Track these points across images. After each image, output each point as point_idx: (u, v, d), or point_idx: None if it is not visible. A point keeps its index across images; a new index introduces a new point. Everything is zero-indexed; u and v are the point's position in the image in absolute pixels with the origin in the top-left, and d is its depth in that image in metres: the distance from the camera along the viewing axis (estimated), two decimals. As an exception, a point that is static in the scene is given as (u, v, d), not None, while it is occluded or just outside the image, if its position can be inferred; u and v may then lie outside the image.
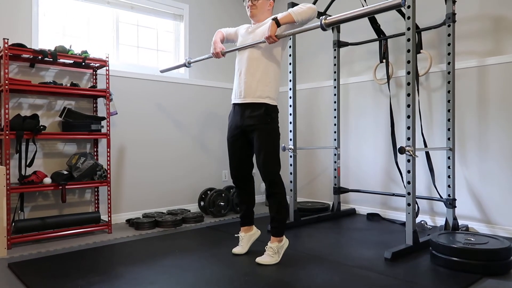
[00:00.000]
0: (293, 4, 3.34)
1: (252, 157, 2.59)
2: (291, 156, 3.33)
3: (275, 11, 2.64)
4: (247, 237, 2.64)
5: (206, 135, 4.27)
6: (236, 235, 2.72)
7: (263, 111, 2.39)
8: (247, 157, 2.58)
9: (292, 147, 3.29)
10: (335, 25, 2.21)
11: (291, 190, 3.32)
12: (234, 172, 2.60)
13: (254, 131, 2.41)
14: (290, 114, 3.33)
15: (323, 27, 2.22)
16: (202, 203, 3.93)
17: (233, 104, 2.53)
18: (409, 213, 2.57)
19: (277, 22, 2.30)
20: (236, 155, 2.56)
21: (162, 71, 3.41)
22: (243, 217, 2.66)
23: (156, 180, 3.87)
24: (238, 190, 2.67)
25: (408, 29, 2.57)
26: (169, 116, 3.97)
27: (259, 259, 2.37)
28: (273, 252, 2.39)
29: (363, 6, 3.47)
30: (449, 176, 3.05)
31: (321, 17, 2.25)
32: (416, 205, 3.09)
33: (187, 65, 3.08)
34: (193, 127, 4.16)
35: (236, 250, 2.60)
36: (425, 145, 3.29)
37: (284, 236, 2.48)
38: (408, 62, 2.58)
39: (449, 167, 3.06)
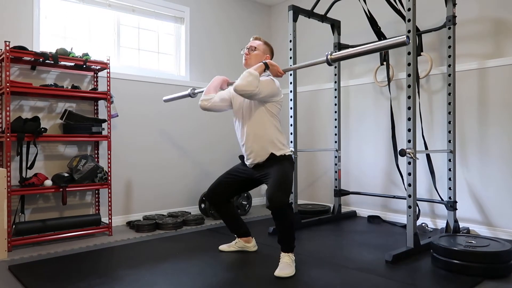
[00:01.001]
0: (294, 7, 3.36)
1: (244, 191, 2.65)
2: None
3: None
4: (240, 244, 2.67)
5: (207, 137, 4.27)
6: (235, 238, 2.72)
7: (276, 159, 2.39)
8: (234, 192, 2.62)
9: (293, 149, 3.29)
10: (341, 61, 2.23)
11: (291, 192, 3.31)
12: (213, 195, 2.58)
13: (267, 176, 2.37)
14: (291, 117, 3.33)
15: (329, 62, 2.22)
16: (202, 206, 3.93)
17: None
18: (410, 216, 2.57)
19: (265, 64, 2.35)
20: (225, 185, 2.57)
21: (165, 100, 3.29)
22: (235, 231, 2.67)
23: (157, 183, 3.87)
24: (215, 209, 2.65)
25: (409, 31, 2.58)
26: (170, 118, 3.98)
27: (278, 273, 2.19)
28: (290, 260, 2.28)
29: (364, 9, 3.49)
30: (450, 179, 3.05)
31: (327, 53, 2.23)
32: (417, 207, 3.09)
33: (191, 95, 3.02)
34: (194, 129, 4.16)
35: (223, 247, 2.67)
36: (426, 148, 3.29)
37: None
38: (409, 64, 2.58)
39: (450, 170, 3.06)
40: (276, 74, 2.42)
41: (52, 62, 2.97)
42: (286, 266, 2.23)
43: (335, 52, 2.22)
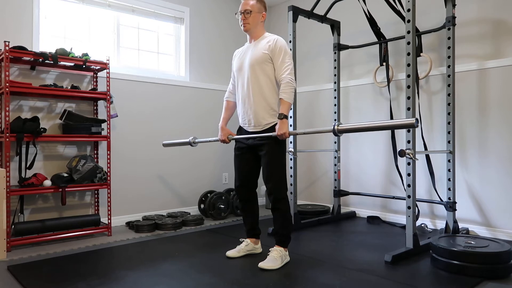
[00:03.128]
0: (294, 8, 3.36)
1: (258, 170, 2.58)
2: (291, 159, 3.33)
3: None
4: (250, 247, 2.62)
5: (206, 137, 4.25)
6: (241, 239, 2.69)
7: (271, 131, 2.40)
8: (253, 171, 2.57)
9: (292, 150, 3.29)
10: (347, 132, 2.25)
11: (291, 193, 3.32)
12: (239, 185, 2.59)
13: (263, 147, 2.42)
14: (291, 117, 3.33)
15: (335, 133, 2.22)
16: (202, 206, 3.93)
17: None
18: (409, 216, 2.57)
19: (285, 117, 2.33)
20: (242, 168, 2.57)
21: (164, 145, 3.16)
22: (250, 230, 2.64)
23: (156, 183, 3.87)
24: (242, 204, 2.64)
25: (408, 32, 2.58)
26: (170, 119, 3.98)
27: (262, 264, 2.33)
28: (278, 255, 2.36)
29: (363, 9, 3.49)
30: (449, 179, 3.05)
31: (334, 124, 2.21)
32: (417, 208, 3.09)
33: (192, 144, 2.94)
34: (194, 130, 4.16)
35: (230, 253, 2.57)
36: (425, 148, 3.29)
37: (287, 251, 2.46)
38: (408, 65, 2.58)
39: (449, 170, 3.06)
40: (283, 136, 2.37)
41: (52, 62, 2.97)
42: (271, 259, 2.34)
43: (341, 124, 2.19)
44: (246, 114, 2.48)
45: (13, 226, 2.88)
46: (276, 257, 2.35)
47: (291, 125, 3.33)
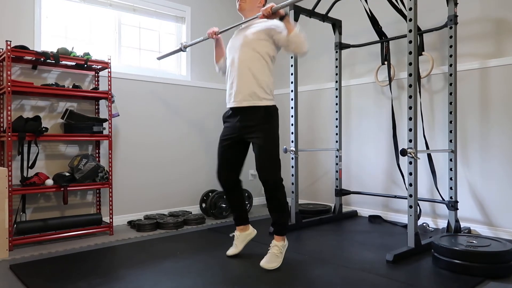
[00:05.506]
0: (295, 6, 3.35)
1: (243, 160, 2.55)
2: (292, 158, 3.32)
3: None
4: (242, 236, 2.62)
5: (207, 136, 4.27)
6: (231, 234, 2.70)
7: (262, 112, 2.36)
8: (238, 161, 2.53)
9: (294, 149, 3.29)
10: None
11: (292, 192, 3.32)
12: (222, 173, 2.53)
13: (253, 132, 2.36)
14: (292, 116, 3.33)
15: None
16: (203, 205, 3.93)
17: (229, 108, 2.48)
18: (411, 215, 2.56)
19: (283, 17, 2.27)
20: (226, 156, 2.50)
21: (158, 58, 3.29)
22: (236, 219, 2.65)
23: (158, 182, 3.87)
24: (226, 194, 2.60)
25: (410, 31, 2.57)
26: (171, 118, 3.98)
27: (264, 265, 2.29)
28: (279, 251, 2.35)
29: (365, 8, 3.49)
30: (451, 178, 3.05)
31: None
32: (418, 207, 3.09)
33: (182, 49, 3.02)
34: (195, 129, 4.17)
35: (230, 251, 2.58)
36: (427, 147, 3.29)
37: (285, 239, 2.46)
38: (410, 64, 2.58)
39: (451, 169, 3.05)
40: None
41: (53, 61, 2.97)
42: (273, 257, 2.31)
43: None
44: (231, 87, 2.41)
45: (15, 225, 2.89)
46: (277, 254, 2.34)
47: (292, 124, 3.33)
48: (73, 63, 3.15)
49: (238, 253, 2.57)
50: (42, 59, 2.93)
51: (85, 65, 3.15)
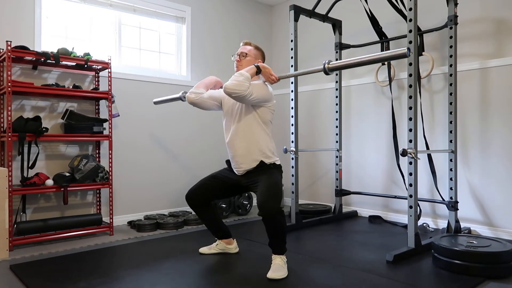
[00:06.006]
0: (295, 7, 3.35)
1: (228, 195, 2.64)
2: (292, 159, 3.32)
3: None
4: (221, 245, 2.62)
5: (208, 137, 4.27)
6: (215, 240, 2.67)
7: (267, 167, 2.36)
8: (219, 195, 2.60)
9: (294, 149, 3.29)
10: (338, 70, 2.20)
11: (292, 192, 3.32)
12: (194, 195, 2.51)
13: (256, 183, 2.32)
14: (292, 116, 3.33)
15: (326, 72, 2.21)
16: (203, 205, 3.93)
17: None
18: (411, 216, 2.56)
19: (257, 66, 2.33)
20: (211, 188, 2.51)
21: (155, 103, 3.17)
22: (216, 233, 2.62)
23: (158, 182, 3.87)
24: (197, 211, 2.56)
25: (410, 31, 2.57)
26: (171, 118, 3.98)
27: (271, 275, 2.16)
28: (282, 262, 2.24)
29: (365, 9, 3.48)
30: (451, 179, 3.05)
31: (324, 62, 2.21)
32: (418, 207, 3.09)
33: (182, 99, 2.80)
34: (195, 129, 4.17)
35: (202, 249, 2.62)
36: (427, 147, 3.29)
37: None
38: (410, 64, 2.58)
39: (451, 170, 3.05)
40: (268, 78, 2.37)
41: (54, 61, 2.97)
42: (278, 268, 2.20)
43: (333, 61, 2.20)
44: (236, 159, 2.42)
45: (15, 225, 2.89)
46: (282, 264, 2.24)
47: (292, 124, 3.33)
48: (73, 63, 3.15)
49: (205, 254, 2.60)
50: (42, 59, 2.94)
51: (85, 65, 3.15)
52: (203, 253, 2.62)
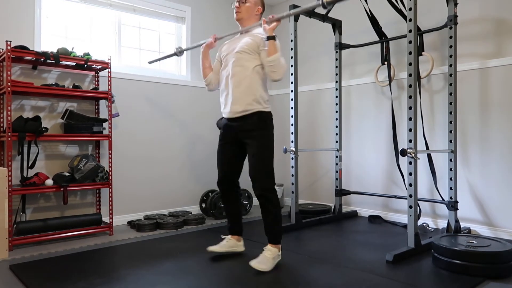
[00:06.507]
0: (295, 7, 3.35)
1: (242, 163, 2.55)
2: (292, 158, 3.32)
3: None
4: (232, 243, 2.59)
5: (208, 137, 4.27)
6: (222, 236, 2.68)
7: (256, 118, 2.36)
8: (236, 161, 2.53)
9: (294, 149, 3.29)
10: (335, 3, 2.17)
11: (292, 192, 3.32)
12: (221, 176, 2.54)
13: (249, 137, 2.37)
14: (292, 116, 3.33)
15: (324, 5, 2.17)
16: (203, 205, 3.93)
17: (225, 118, 2.50)
18: (411, 216, 2.57)
19: (271, 37, 2.29)
20: (225, 158, 2.51)
21: (150, 62, 3.28)
22: (232, 226, 2.61)
23: (158, 182, 3.87)
24: (223, 198, 2.60)
25: (410, 31, 2.57)
26: (171, 118, 3.98)
27: (254, 264, 2.24)
28: (271, 256, 2.30)
29: (365, 9, 3.48)
30: (451, 178, 3.05)
31: None
32: (418, 207, 3.09)
33: (177, 54, 2.92)
34: (195, 129, 4.17)
35: (213, 248, 2.54)
36: (427, 147, 3.29)
37: (279, 249, 2.41)
38: (410, 64, 2.58)
39: (451, 169, 3.05)
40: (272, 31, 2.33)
41: (53, 61, 2.97)
42: (264, 260, 2.25)
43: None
44: (226, 98, 2.43)
45: (15, 225, 2.89)
46: (269, 258, 2.29)
47: (292, 124, 3.33)
48: (73, 63, 3.15)
49: (218, 252, 2.55)
50: (42, 59, 2.93)
51: (85, 65, 3.15)
52: (214, 251, 2.54)
